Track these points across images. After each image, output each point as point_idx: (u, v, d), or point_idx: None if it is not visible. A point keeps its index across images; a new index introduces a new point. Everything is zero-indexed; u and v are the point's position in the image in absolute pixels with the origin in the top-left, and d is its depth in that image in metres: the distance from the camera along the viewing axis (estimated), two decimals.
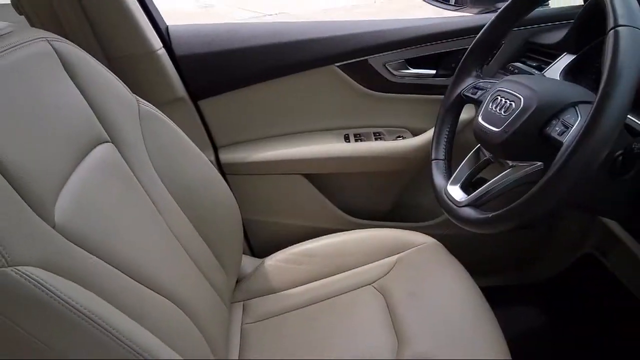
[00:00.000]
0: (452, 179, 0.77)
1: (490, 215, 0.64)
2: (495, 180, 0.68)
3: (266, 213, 1.15)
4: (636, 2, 0.55)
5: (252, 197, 1.13)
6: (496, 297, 0.87)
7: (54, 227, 0.49)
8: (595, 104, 0.52)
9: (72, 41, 0.68)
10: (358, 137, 1.12)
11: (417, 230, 0.98)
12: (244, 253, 0.96)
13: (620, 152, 0.62)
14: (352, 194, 1.18)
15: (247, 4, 7.23)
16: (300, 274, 0.93)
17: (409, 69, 1.07)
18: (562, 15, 1.00)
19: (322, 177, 1.14)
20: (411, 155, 1.09)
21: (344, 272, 0.92)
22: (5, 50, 0.54)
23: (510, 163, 0.68)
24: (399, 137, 1.12)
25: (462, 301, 0.82)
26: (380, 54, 1.04)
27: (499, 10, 0.79)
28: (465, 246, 0.94)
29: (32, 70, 0.57)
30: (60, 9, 0.85)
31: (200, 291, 0.74)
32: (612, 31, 0.53)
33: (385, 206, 1.20)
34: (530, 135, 0.64)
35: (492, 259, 1.22)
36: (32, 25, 0.87)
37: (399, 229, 0.99)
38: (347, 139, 1.11)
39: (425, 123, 1.10)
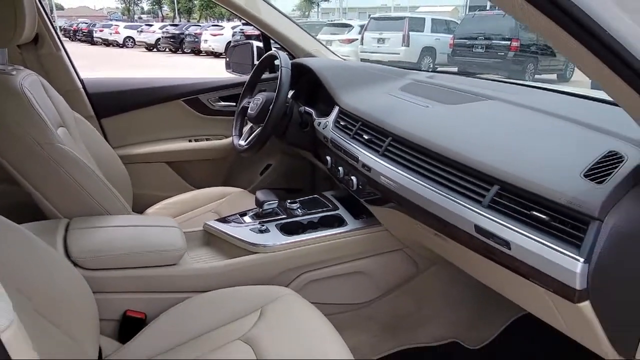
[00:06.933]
0: (240, 138, 1.73)
1: (250, 144, 1.61)
2: (254, 135, 1.65)
3: (144, 186, 1.92)
4: (288, 57, 1.61)
5: (134, 176, 1.90)
6: None
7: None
8: (275, 96, 1.53)
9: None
10: (196, 140, 2.02)
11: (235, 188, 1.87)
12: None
13: (300, 118, 1.65)
14: (196, 174, 2.04)
15: None
16: None
17: (221, 102, 2.04)
18: None
19: (177, 164, 1.98)
20: (227, 148, 2.02)
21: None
22: (26, 76, 1.31)
23: (259, 125, 1.66)
24: (220, 139, 2.06)
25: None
26: (205, 94, 2.00)
27: (250, 74, 1.83)
28: None
29: (36, 86, 1.34)
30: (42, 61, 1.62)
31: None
32: (280, 70, 1.56)
33: (217, 181, 2.08)
34: (263, 111, 1.62)
35: None
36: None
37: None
38: (190, 140, 2.01)
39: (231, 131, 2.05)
